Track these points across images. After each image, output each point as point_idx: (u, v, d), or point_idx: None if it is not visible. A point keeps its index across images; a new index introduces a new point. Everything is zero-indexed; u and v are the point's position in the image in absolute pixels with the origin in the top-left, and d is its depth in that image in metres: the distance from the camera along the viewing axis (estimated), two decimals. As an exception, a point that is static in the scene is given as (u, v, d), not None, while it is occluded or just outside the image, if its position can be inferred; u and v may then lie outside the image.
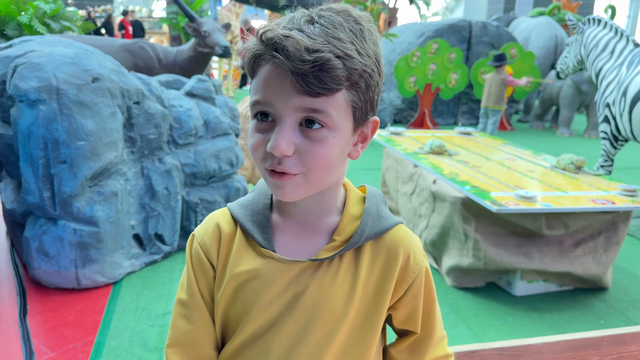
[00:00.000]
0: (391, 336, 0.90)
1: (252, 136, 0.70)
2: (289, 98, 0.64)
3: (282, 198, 0.70)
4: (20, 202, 2.78)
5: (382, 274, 0.77)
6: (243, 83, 13.21)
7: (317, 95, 0.63)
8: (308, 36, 0.63)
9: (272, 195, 0.81)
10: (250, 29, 0.69)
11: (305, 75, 0.62)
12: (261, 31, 0.65)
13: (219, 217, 0.82)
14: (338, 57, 0.63)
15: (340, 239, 0.76)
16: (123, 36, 12.09)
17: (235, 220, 0.80)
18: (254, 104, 0.68)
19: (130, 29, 12.43)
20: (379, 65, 0.70)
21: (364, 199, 0.81)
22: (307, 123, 0.66)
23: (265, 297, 0.75)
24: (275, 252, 0.75)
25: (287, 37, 0.62)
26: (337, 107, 0.66)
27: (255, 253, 0.76)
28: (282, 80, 0.64)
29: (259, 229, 0.77)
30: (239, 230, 0.79)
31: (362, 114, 0.70)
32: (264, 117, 0.68)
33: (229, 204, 0.83)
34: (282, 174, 0.67)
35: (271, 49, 0.63)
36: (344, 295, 0.75)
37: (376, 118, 0.74)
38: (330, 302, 0.75)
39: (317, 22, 0.65)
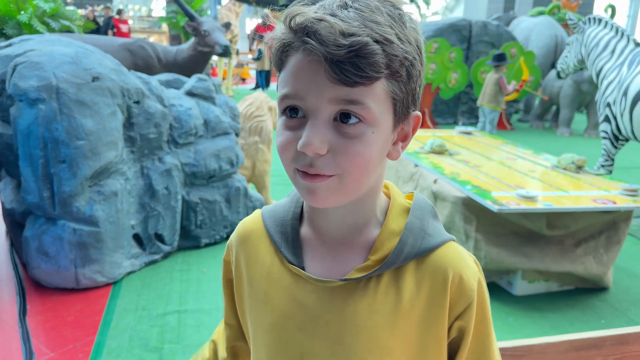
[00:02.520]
0: None
1: (281, 134, 0.61)
2: (322, 89, 0.57)
3: (314, 204, 0.62)
4: (20, 201, 2.77)
5: (429, 301, 0.65)
6: (261, 84, 12.07)
7: (353, 85, 0.56)
8: (342, 20, 0.56)
9: (303, 203, 0.73)
10: (269, 26, 0.63)
11: (340, 62, 0.54)
12: (289, 16, 0.57)
13: (251, 226, 0.76)
14: (377, 41, 0.55)
15: (375, 258, 0.65)
16: (114, 35, 12.01)
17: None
18: (283, 98, 0.60)
19: (122, 27, 12.27)
20: (420, 53, 0.62)
21: (407, 210, 0.69)
22: (343, 117, 0.58)
23: (296, 321, 0.68)
24: (304, 270, 0.67)
25: (320, 20, 0.55)
26: (376, 98, 0.58)
27: (284, 269, 0.69)
28: (315, 68, 0.56)
29: (287, 243, 0.69)
30: (270, 241, 0.72)
31: (403, 108, 0.62)
32: (294, 113, 0.60)
33: (263, 210, 0.76)
34: (315, 175, 0.59)
35: (302, 34, 0.56)
36: (385, 324, 0.65)
37: (418, 113, 0.65)
38: (369, 332, 0.65)
39: (352, 7, 0.58)
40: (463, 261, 0.67)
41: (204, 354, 0.86)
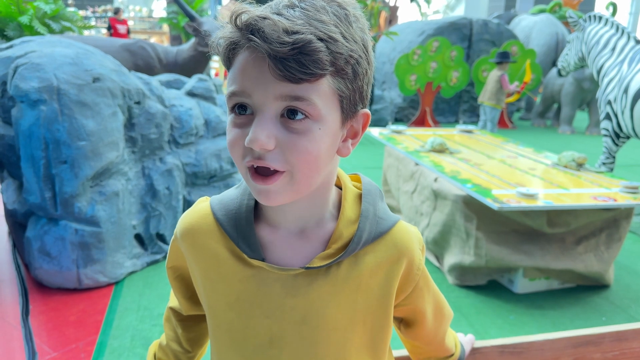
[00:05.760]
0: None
1: (230, 132, 0.63)
2: (268, 85, 0.58)
3: (267, 203, 0.64)
4: (22, 202, 2.79)
5: (385, 277, 0.72)
6: None
7: (298, 81, 0.57)
8: (287, 18, 0.57)
9: None
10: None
11: (284, 59, 0.56)
12: (235, 15, 0.58)
13: (198, 220, 0.75)
14: (320, 39, 0.57)
15: (337, 246, 0.69)
16: (111, 36, 11.97)
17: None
18: (230, 95, 0.61)
19: (120, 28, 12.22)
20: (367, 52, 0.63)
21: (359, 197, 0.74)
22: (289, 114, 0.59)
23: (262, 309, 0.70)
24: (264, 261, 0.69)
25: (264, 18, 0.56)
26: (322, 95, 0.59)
27: (243, 262, 0.70)
28: (260, 66, 0.58)
29: (244, 237, 0.70)
30: (222, 233, 0.72)
31: (350, 105, 0.64)
32: (242, 110, 0.61)
33: (212, 203, 0.75)
34: (266, 178, 0.61)
35: (247, 32, 0.57)
36: (347, 304, 0.70)
37: (367, 111, 0.67)
38: (333, 313, 0.70)
39: (298, 6, 0.60)
40: (413, 239, 0.74)
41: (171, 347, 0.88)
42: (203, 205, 0.76)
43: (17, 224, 2.94)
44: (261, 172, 0.62)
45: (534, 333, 2.40)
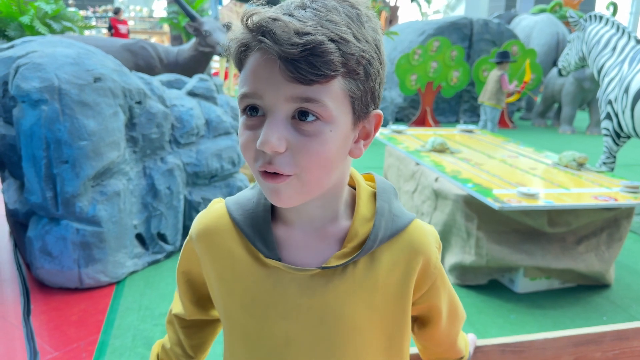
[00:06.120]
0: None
1: (242, 134, 0.63)
2: (279, 87, 0.58)
3: (278, 204, 0.64)
4: (23, 202, 2.79)
5: (402, 276, 0.71)
6: None
7: (309, 83, 0.57)
8: (298, 20, 0.57)
9: None
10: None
11: (295, 61, 0.55)
12: (247, 16, 0.58)
13: (214, 220, 0.74)
14: (332, 40, 0.56)
15: (352, 245, 0.68)
16: (112, 36, 11.93)
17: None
18: (242, 97, 0.61)
19: (121, 28, 12.16)
20: (379, 52, 0.63)
21: (374, 195, 0.73)
22: (301, 115, 0.59)
23: (277, 310, 0.69)
24: (280, 261, 0.69)
25: (275, 19, 0.56)
26: (333, 96, 0.59)
27: (259, 262, 0.70)
28: (271, 67, 0.57)
29: (261, 237, 0.70)
30: (238, 233, 0.72)
31: (362, 106, 0.63)
32: (254, 112, 0.61)
33: (227, 203, 0.75)
34: (276, 175, 0.60)
35: (258, 33, 0.57)
36: (365, 304, 0.69)
37: (379, 112, 0.66)
38: (351, 313, 0.69)
39: (309, 7, 0.59)
40: (429, 238, 0.73)
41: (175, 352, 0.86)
42: (218, 206, 0.76)
43: (19, 223, 2.94)
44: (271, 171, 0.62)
45: (534, 332, 2.41)
